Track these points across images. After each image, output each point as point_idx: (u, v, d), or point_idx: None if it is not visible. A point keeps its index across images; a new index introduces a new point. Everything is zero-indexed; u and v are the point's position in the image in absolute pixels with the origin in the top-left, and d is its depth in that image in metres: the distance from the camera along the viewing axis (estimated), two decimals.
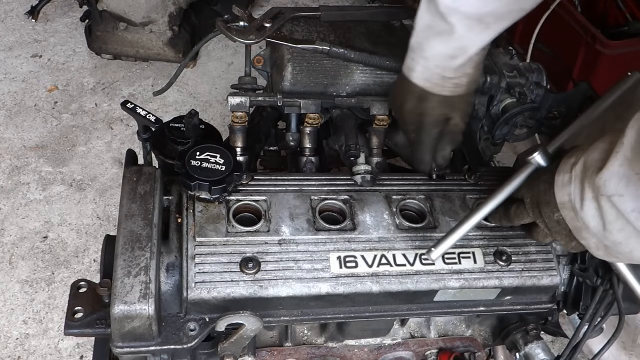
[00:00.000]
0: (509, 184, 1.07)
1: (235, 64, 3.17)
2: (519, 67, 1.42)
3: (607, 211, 0.88)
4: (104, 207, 2.49)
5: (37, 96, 2.91)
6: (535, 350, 1.29)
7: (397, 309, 1.16)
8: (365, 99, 1.32)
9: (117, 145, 2.73)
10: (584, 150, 0.94)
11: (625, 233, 0.88)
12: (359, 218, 1.16)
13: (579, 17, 2.56)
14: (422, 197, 1.22)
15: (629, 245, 0.90)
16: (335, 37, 1.38)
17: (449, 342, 1.30)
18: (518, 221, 1.08)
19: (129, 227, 1.04)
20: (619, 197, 0.85)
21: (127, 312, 0.96)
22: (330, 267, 1.09)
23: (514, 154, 2.44)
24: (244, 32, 1.31)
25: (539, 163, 1.06)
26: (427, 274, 1.11)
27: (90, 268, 2.30)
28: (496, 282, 1.13)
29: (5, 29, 3.24)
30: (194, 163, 1.09)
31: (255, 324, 1.04)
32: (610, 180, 0.85)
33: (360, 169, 1.23)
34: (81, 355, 2.08)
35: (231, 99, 1.25)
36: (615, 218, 0.87)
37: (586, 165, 0.92)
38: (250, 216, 1.14)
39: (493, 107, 1.42)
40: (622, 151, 0.84)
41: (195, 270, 1.03)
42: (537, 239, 1.11)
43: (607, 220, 0.89)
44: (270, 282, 1.05)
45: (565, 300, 1.23)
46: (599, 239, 0.93)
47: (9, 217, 2.42)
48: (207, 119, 1.63)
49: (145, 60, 3.10)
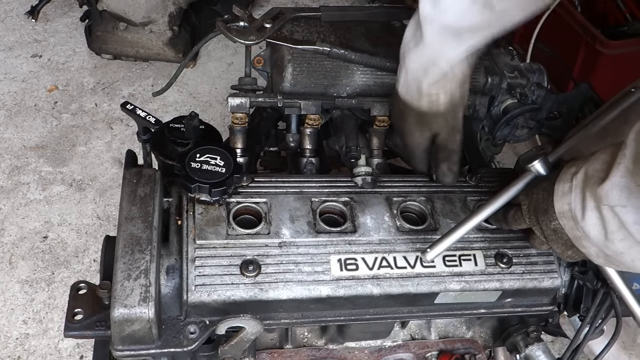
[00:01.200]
0: (508, 190, 1.07)
1: (235, 64, 3.16)
2: (520, 67, 1.42)
3: (610, 221, 0.88)
4: (104, 207, 2.49)
5: (37, 96, 2.91)
6: (535, 352, 1.29)
7: (398, 312, 1.16)
8: (365, 99, 1.32)
9: (117, 145, 2.73)
10: (585, 161, 0.94)
11: (627, 243, 0.88)
12: (360, 220, 1.15)
13: (579, 17, 2.56)
14: (423, 199, 1.22)
15: (631, 255, 0.90)
16: (336, 37, 1.37)
17: (450, 344, 1.30)
18: (515, 226, 1.09)
19: (129, 229, 1.03)
20: (621, 207, 0.85)
21: (127, 316, 0.96)
22: (331, 270, 1.08)
23: (514, 154, 2.44)
24: (244, 33, 1.30)
25: (539, 171, 1.06)
26: (428, 276, 1.11)
27: (90, 268, 2.30)
28: (497, 284, 1.13)
29: (5, 29, 3.23)
30: (194, 165, 1.09)
31: (256, 327, 1.03)
32: (612, 191, 0.85)
33: (361, 170, 1.23)
34: (81, 355, 2.07)
35: (231, 100, 1.24)
36: (618, 228, 0.87)
37: (587, 175, 0.92)
38: (251, 218, 1.14)
39: (494, 108, 1.42)
40: (624, 162, 0.84)
41: (196, 273, 1.03)
42: (534, 246, 1.11)
43: (609, 230, 0.89)
44: (270, 284, 1.05)
45: (566, 302, 1.23)
46: (600, 248, 0.93)
47: (9, 217, 2.42)
48: (207, 119, 1.63)
49: (145, 60, 3.10)
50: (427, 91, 1.11)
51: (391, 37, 1.42)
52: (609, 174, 0.86)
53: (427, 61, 1.08)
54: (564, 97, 1.44)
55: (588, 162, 0.93)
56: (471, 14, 1.01)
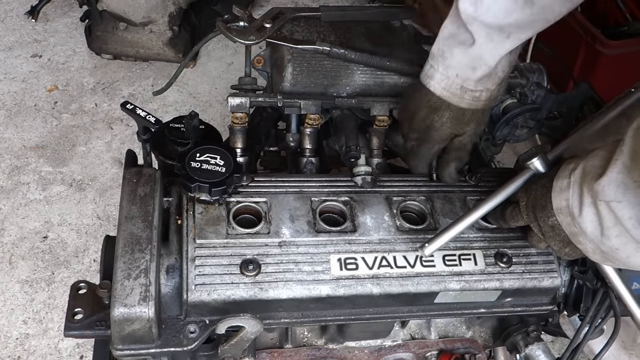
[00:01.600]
0: (507, 187, 1.08)
1: (235, 64, 3.16)
2: (519, 67, 1.42)
3: (606, 217, 0.88)
4: (104, 207, 2.49)
5: (37, 96, 2.91)
6: (535, 352, 1.29)
7: (398, 311, 1.16)
8: (365, 99, 1.32)
9: (117, 145, 2.73)
10: (583, 157, 0.94)
11: (623, 239, 0.88)
12: (360, 220, 1.15)
13: (579, 17, 2.56)
14: (423, 198, 1.22)
15: (626, 252, 0.91)
16: (336, 37, 1.37)
17: (450, 344, 1.30)
18: (513, 223, 1.09)
19: (129, 229, 1.03)
20: (617, 203, 0.86)
21: (127, 315, 0.96)
22: (331, 269, 1.08)
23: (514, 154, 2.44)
24: (244, 33, 1.30)
25: (538, 169, 1.06)
26: (428, 276, 1.11)
27: (90, 268, 2.30)
28: (497, 284, 1.13)
29: (5, 29, 3.23)
30: (194, 165, 1.09)
31: (256, 327, 1.03)
32: (608, 186, 0.86)
33: (361, 170, 1.23)
34: (81, 355, 2.08)
35: (231, 100, 1.24)
36: (614, 224, 0.88)
37: (585, 171, 0.92)
38: (251, 218, 1.14)
39: (494, 108, 1.41)
40: (621, 158, 0.85)
41: (196, 272, 1.03)
42: (532, 244, 1.11)
43: (605, 226, 0.89)
44: (270, 284, 1.05)
45: (566, 302, 1.23)
46: (596, 244, 0.94)
47: (9, 217, 2.42)
48: (207, 119, 1.63)
49: (145, 60, 3.10)
50: (472, 87, 1.12)
51: (391, 37, 1.42)
52: (606, 170, 0.86)
53: (474, 59, 1.09)
54: (564, 97, 1.44)
55: (587, 158, 0.93)
56: (513, 11, 1.02)
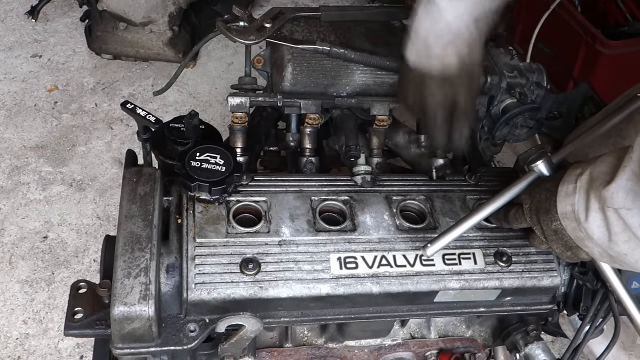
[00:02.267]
0: (510, 189, 1.07)
1: (235, 64, 3.16)
2: (519, 67, 1.42)
3: (614, 223, 0.88)
4: (104, 207, 2.49)
5: (37, 96, 2.91)
6: (535, 351, 1.29)
7: (398, 310, 1.16)
8: (365, 99, 1.32)
9: (117, 145, 2.73)
10: (590, 163, 0.94)
11: (632, 245, 0.89)
12: (359, 219, 1.16)
13: (579, 17, 2.56)
14: (423, 197, 1.22)
15: (635, 256, 0.91)
16: (336, 37, 1.37)
17: (449, 343, 1.30)
18: (516, 225, 1.09)
19: (129, 228, 1.03)
20: (627, 210, 0.86)
21: (127, 314, 0.96)
22: (331, 268, 1.09)
23: (514, 154, 2.44)
24: (244, 33, 1.31)
25: (542, 172, 1.06)
26: (428, 275, 1.11)
27: (90, 268, 2.30)
28: (496, 283, 1.13)
29: (5, 29, 3.23)
30: (194, 164, 1.09)
31: (256, 325, 1.04)
32: (617, 193, 0.86)
33: (361, 169, 1.23)
34: (81, 355, 2.07)
35: (231, 100, 1.25)
36: (622, 230, 0.88)
37: (592, 177, 0.92)
38: (251, 217, 1.14)
39: (493, 108, 1.42)
40: (630, 166, 0.85)
41: (195, 271, 1.03)
42: (534, 245, 1.12)
43: (613, 232, 0.89)
44: (270, 283, 1.05)
45: (566, 301, 1.23)
46: (604, 249, 0.94)
47: (9, 217, 2.42)
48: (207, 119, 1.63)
49: (145, 60, 3.10)
50: (438, 53, 1.11)
51: (391, 36, 1.42)
52: (614, 177, 0.87)
53: (436, 22, 1.08)
54: (563, 97, 1.44)
55: (593, 164, 0.93)
56: None
